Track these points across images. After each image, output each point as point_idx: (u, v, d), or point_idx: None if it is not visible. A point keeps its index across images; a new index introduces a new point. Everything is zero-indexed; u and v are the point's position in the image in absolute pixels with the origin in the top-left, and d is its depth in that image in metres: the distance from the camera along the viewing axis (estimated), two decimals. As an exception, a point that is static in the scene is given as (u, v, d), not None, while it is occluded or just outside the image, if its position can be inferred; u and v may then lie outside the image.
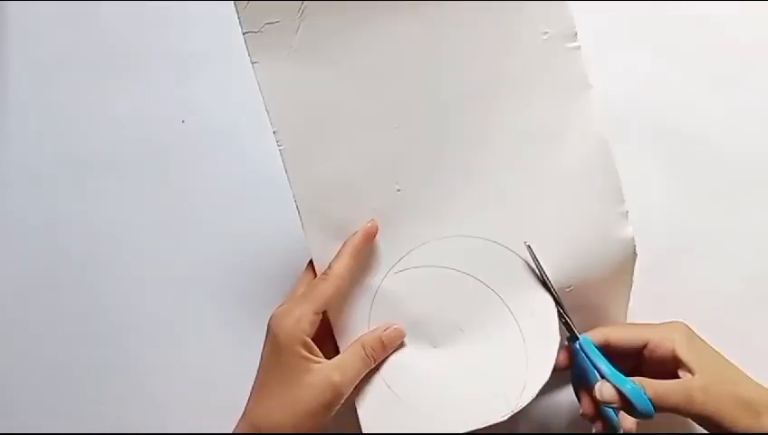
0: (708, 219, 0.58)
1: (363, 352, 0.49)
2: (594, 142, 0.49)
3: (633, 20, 0.61)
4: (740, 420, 0.45)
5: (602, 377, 0.47)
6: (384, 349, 0.50)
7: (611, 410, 0.49)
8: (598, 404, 0.49)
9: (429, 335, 0.51)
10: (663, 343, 0.48)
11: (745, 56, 0.59)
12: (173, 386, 0.62)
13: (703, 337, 0.49)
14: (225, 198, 0.62)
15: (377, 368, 0.50)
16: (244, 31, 0.48)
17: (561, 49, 0.49)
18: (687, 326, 0.49)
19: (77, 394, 0.62)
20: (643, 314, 0.53)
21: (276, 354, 0.48)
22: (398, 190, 0.50)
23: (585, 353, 0.49)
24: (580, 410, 0.50)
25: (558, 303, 0.49)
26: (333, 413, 0.48)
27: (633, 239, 0.50)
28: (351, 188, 0.50)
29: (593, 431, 0.50)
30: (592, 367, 0.48)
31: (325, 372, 0.47)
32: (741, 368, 0.48)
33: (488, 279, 0.51)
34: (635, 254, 0.50)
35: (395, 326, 0.50)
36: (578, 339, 0.49)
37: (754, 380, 0.47)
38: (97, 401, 0.62)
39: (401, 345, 0.51)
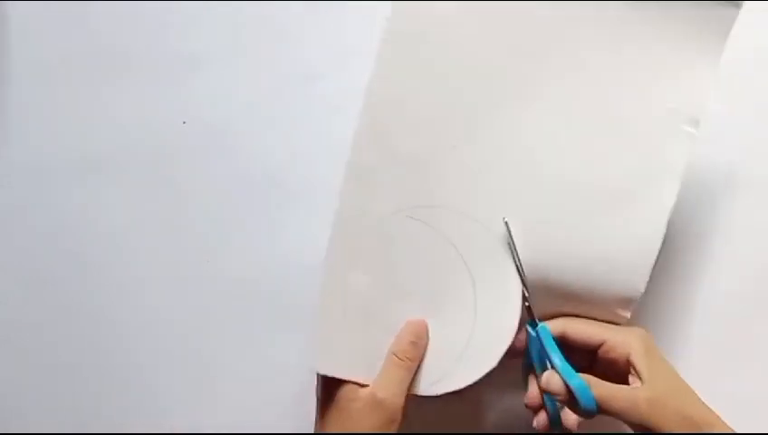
0: (708, 220, 0.58)
1: (396, 359, 0.49)
2: (652, 230, 0.48)
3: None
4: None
5: (552, 367, 0.47)
6: (415, 347, 0.50)
7: (554, 404, 0.49)
8: (543, 395, 0.49)
9: (394, 284, 0.51)
10: (620, 346, 0.48)
11: (748, 57, 0.59)
12: (173, 386, 0.62)
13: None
14: (224, 199, 0.62)
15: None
16: None
17: (678, 129, 0.47)
18: (648, 334, 0.49)
19: (77, 394, 0.62)
20: (641, 314, 0.53)
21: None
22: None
23: (540, 341, 0.49)
24: (525, 399, 0.50)
25: (524, 287, 0.49)
26: (396, 427, 0.48)
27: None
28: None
29: (533, 424, 0.50)
30: (545, 356, 0.48)
31: (369, 393, 0.48)
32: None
33: (470, 260, 0.50)
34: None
35: (411, 321, 0.50)
36: (536, 326, 0.49)
37: (702, 400, 0.47)
38: (97, 400, 0.62)
39: (366, 274, 0.50)
